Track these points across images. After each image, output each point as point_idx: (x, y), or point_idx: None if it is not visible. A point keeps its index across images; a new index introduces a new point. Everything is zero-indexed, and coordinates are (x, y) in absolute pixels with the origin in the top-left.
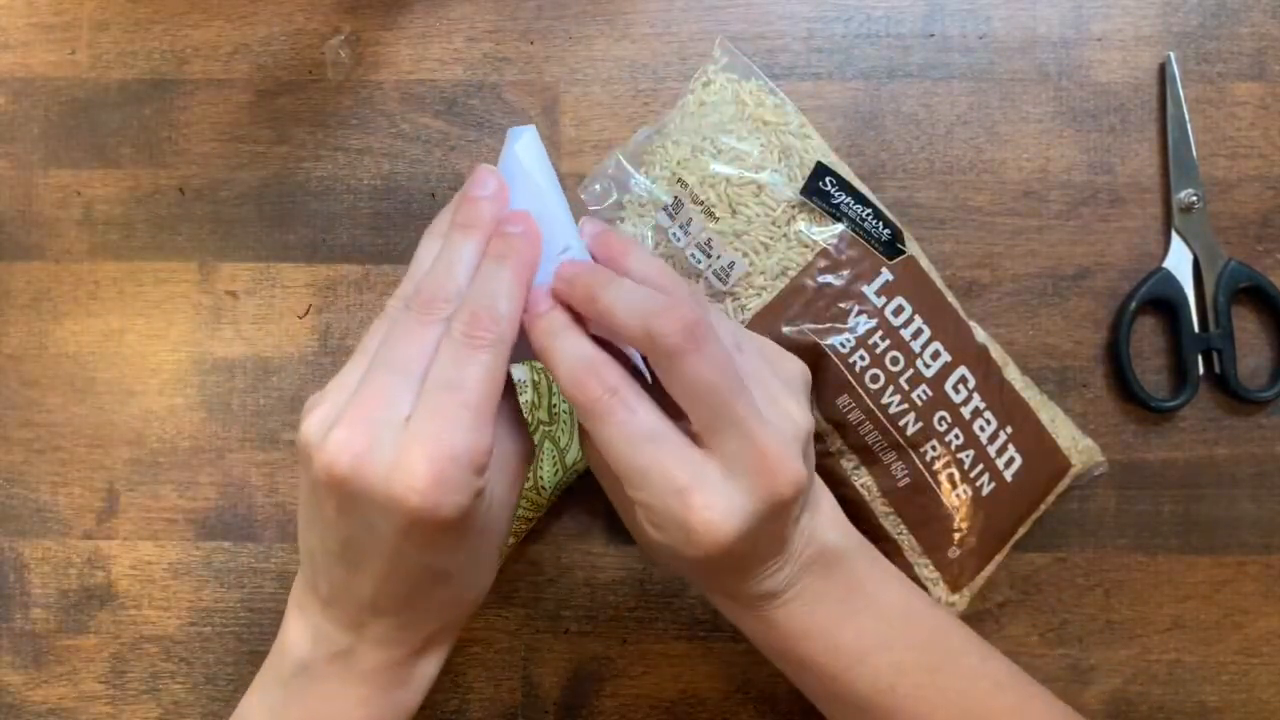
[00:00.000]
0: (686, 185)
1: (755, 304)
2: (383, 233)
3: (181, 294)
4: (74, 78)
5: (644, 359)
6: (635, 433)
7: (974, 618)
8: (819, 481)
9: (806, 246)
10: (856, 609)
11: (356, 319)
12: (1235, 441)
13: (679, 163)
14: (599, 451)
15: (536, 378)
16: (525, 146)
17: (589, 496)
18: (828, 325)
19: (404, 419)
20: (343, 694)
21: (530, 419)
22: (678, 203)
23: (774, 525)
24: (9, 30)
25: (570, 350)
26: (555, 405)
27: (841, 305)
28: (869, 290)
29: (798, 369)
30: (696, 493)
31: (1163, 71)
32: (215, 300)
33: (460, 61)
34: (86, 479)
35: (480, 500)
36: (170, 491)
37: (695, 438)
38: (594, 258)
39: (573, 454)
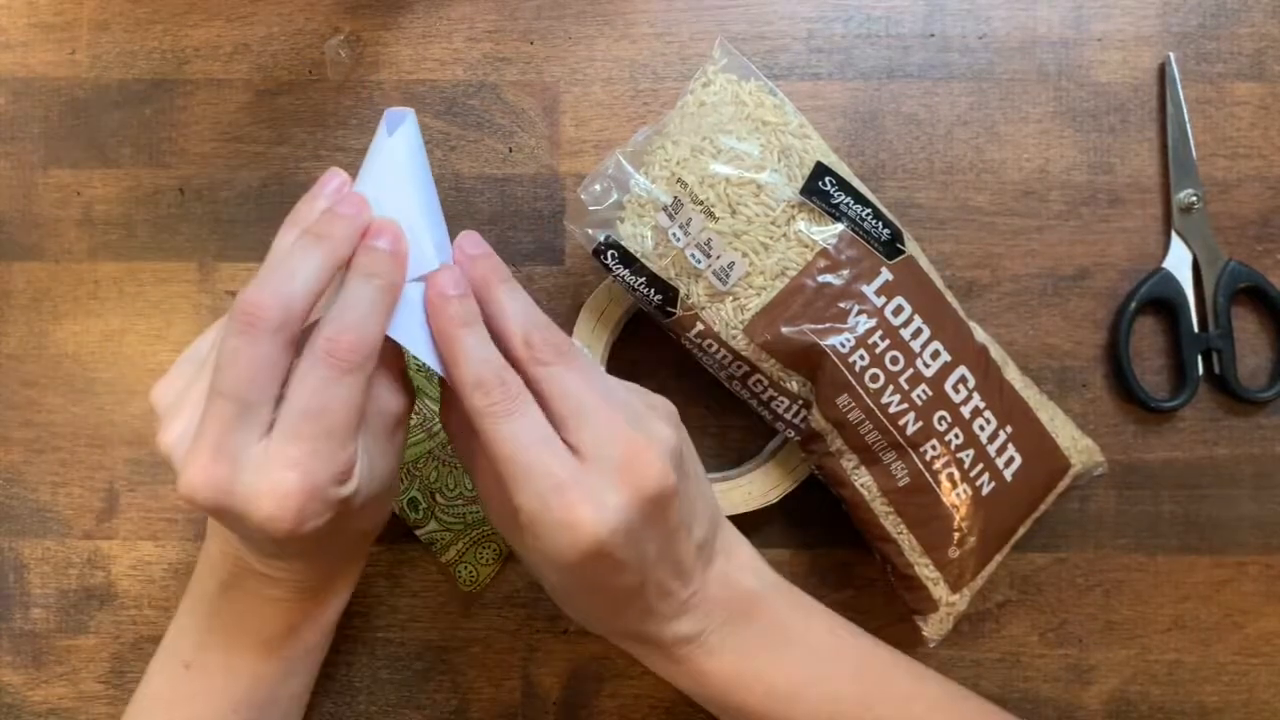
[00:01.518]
0: (686, 185)
1: (755, 304)
2: None
3: (181, 294)
4: (74, 78)
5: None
6: (527, 435)
7: (974, 618)
8: (733, 529)
9: (806, 246)
10: (784, 649)
11: None
12: (1235, 441)
13: (678, 162)
14: (484, 457)
15: None
16: (404, 133)
17: None
18: (827, 325)
19: (258, 442)
20: (261, 604)
21: None
22: (677, 203)
23: (652, 529)
24: (9, 30)
25: (477, 349)
26: None
27: (841, 305)
28: (869, 290)
29: (665, 401)
30: (572, 489)
31: (1163, 71)
32: (215, 300)
33: (460, 61)
34: (86, 479)
35: (349, 500)
36: (170, 491)
37: (572, 450)
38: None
39: None
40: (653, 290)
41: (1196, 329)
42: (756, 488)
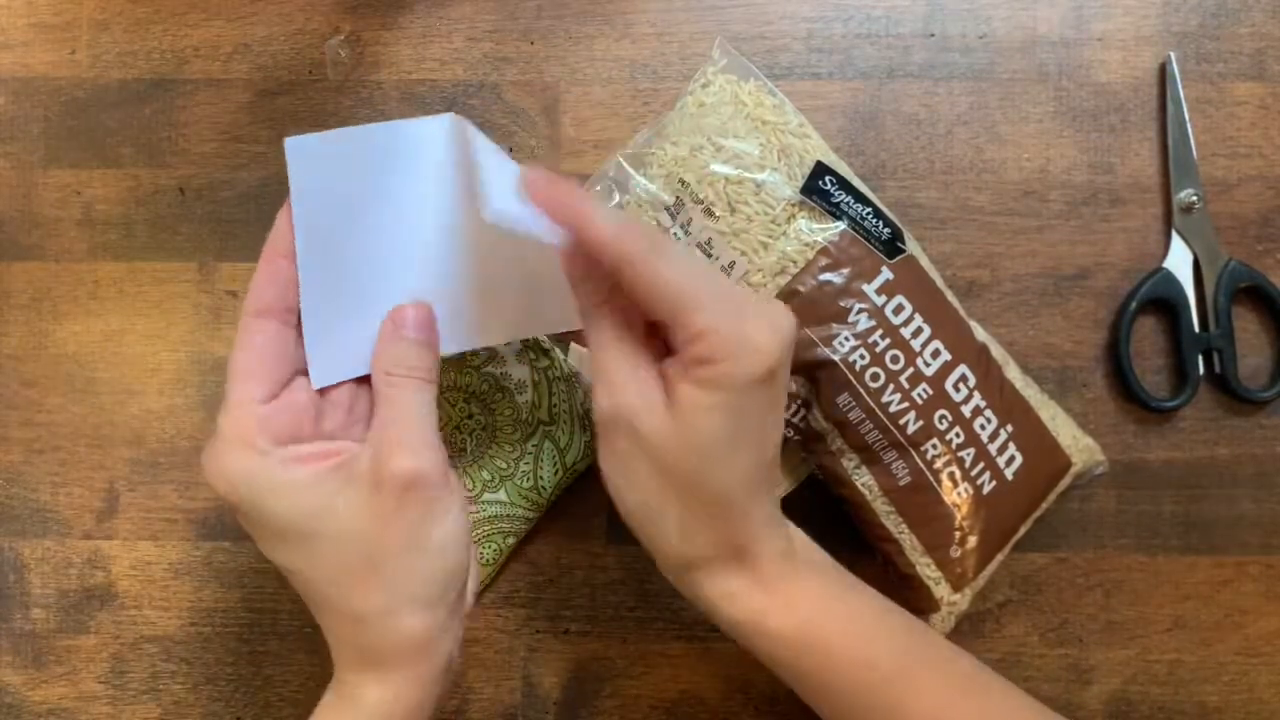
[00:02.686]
0: (686, 185)
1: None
2: None
3: (181, 294)
4: (74, 78)
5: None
6: (690, 262)
7: (974, 618)
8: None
9: (806, 245)
10: (860, 591)
11: None
12: (1235, 441)
13: (678, 162)
14: (648, 294)
15: (536, 378)
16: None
17: (589, 496)
18: (828, 324)
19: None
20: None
21: (530, 419)
22: (679, 203)
23: (784, 375)
24: (9, 30)
25: (601, 205)
26: (555, 406)
27: (841, 304)
28: (869, 289)
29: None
30: (750, 305)
31: (1163, 71)
32: (215, 300)
33: (460, 61)
34: (86, 479)
35: (268, 487)
36: (170, 491)
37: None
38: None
39: (573, 454)
40: None
41: (1197, 329)
42: None
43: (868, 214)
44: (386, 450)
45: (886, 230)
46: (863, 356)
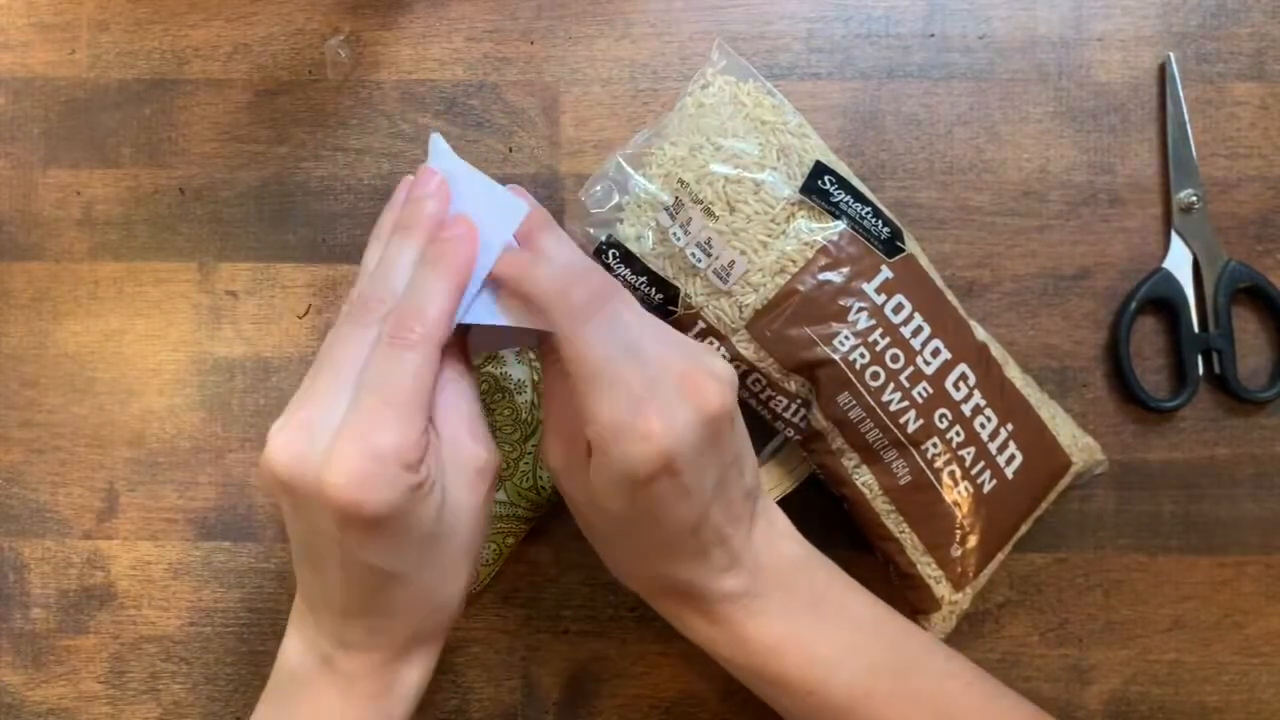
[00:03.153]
0: (686, 184)
1: (753, 300)
2: None
3: (181, 294)
4: (74, 78)
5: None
6: (614, 343)
7: (974, 618)
8: (771, 500)
9: (806, 244)
10: (825, 617)
11: None
12: (1235, 441)
13: (677, 162)
14: (559, 376)
15: (537, 378)
16: (444, 153)
17: None
18: (827, 323)
19: (340, 419)
20: (328, 702)
21: (529, 419)
22: (678, 202)
23: (712, 454)
24: (9, 30)
25: (560, 250)
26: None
27: (841, 303)
28: (869, 288)
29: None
30: (649, 401)
31: (1163, 71)
32: (215, 300)
33: (460, 61)
34: (86, 479)
35: (419, 499)
36: (170, 491)
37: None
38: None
39: None
40: (654, 289)
41: (1197, 329)
42: None
43: (867, 213)
44: (460, 440)
45: (886, 230)
46: (863, 355)
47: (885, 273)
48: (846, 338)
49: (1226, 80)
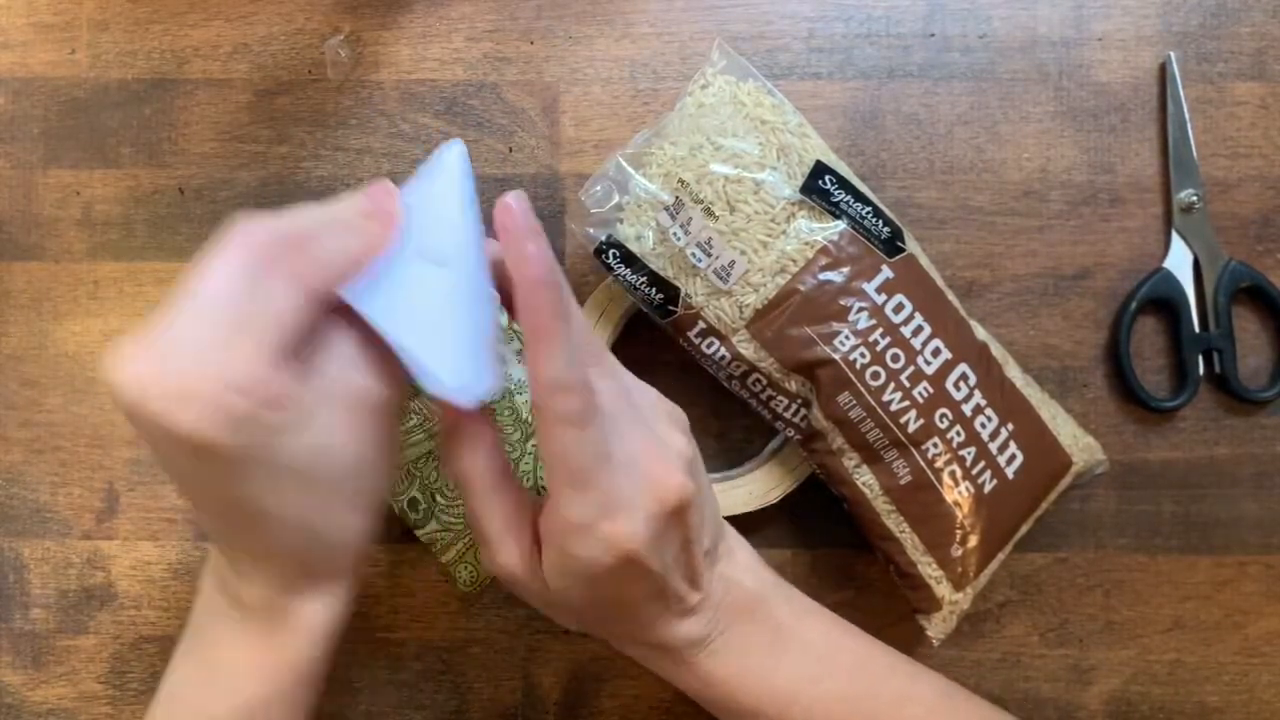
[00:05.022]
0: (686, 184)
1: (753, 300)
2: None
3: None
4: (74, 77)
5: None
6: (595, 448)
7: (974, 618)
8: (733, 531)
9: (806, 244)
10: (784, 649)
11: None
12: (1235, 441)
13: (677, 162)
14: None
15: None
16: (455, 157)
17: None
18: (828, 322)
19: (193, 343)
20: (229, 635)
21: (529, 419)
22: (679, 202)
23: (672, 535)
24: (9, 30)
25: (567, 348)
26: None
27: (842, 302)
28: (869, 287)
29: (676, 407)
30: (617, 508)
31: (1163, 71)
32: None
33: (460, 61)
34: (86, 479)
35: (271, 434)
36: (170, 491)
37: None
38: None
39: None
40: (654, 289)
41: (1197, 329)
42: (756, 488)
43: (867, 213)
44: (344, 376)
45: (886, 229)
46: (863, 355)
47: (886, 272)
48: (847, 337)
49: (1227, 80)
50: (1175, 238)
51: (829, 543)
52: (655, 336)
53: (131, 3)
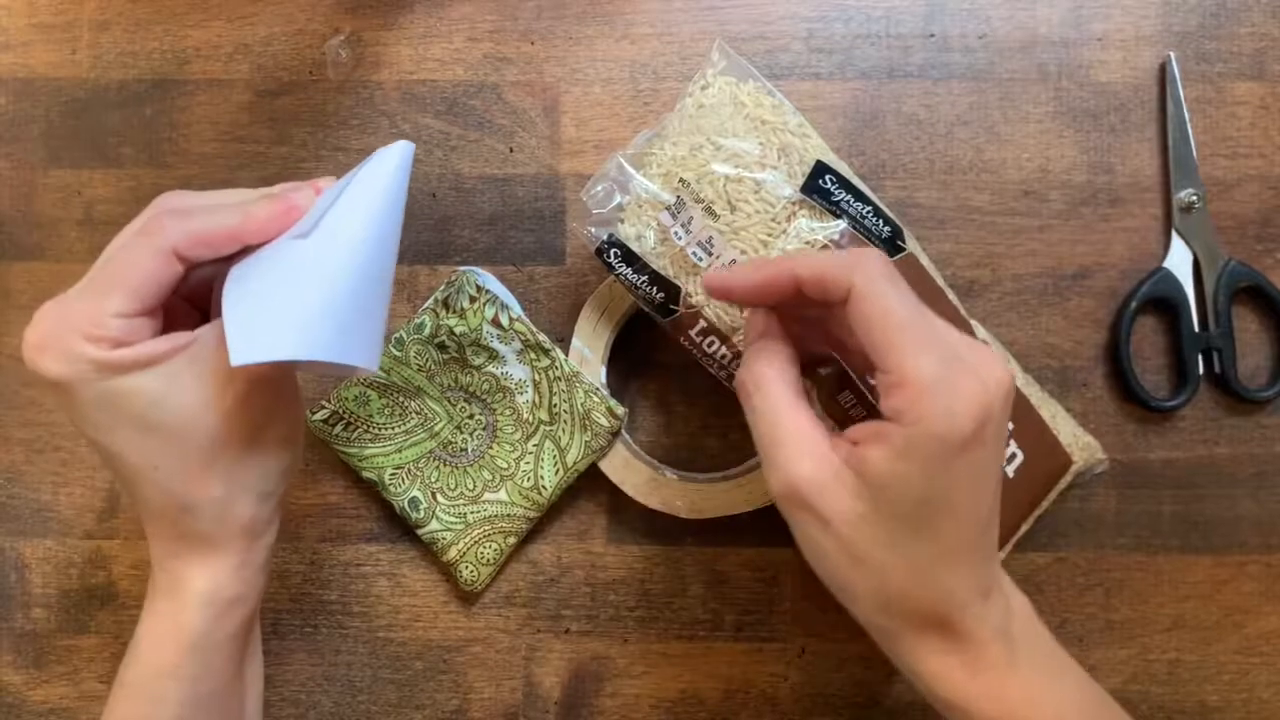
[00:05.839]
0: (687, 184)
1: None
2: None
3: None
4: (74, 78)
5: None
6: (913, 304)
7: None
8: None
9: (807, 243)
10: (1065, 675)
11: None
12: (1235, 441)
13: (677, 162)
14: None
15: (537, 378)
16: (394, 158)
17: (589, 496)
18: None
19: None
20: (146, 602)
21: (531, 419)
22: (680, 202)
23: (1002, 431)
24: (9, 30)
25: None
26: (556, 405)
27: None
28: None
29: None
30: (962, 359)
31: (1163, 71)
32: None
33: (460, 62)
34: (87, 479)
35: (109, 375)
36: None
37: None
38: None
39: (574, 453)
40: (655, 288)
41: (1197, 328)
42: (757, 488)
43: (868, 212)
44: (212, 340)
45: (887, 229)
46: None
47: None
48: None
49: (1226, 80)
50: (1175, 237)
51: None
52: (655, 337)
53: (132, 3)
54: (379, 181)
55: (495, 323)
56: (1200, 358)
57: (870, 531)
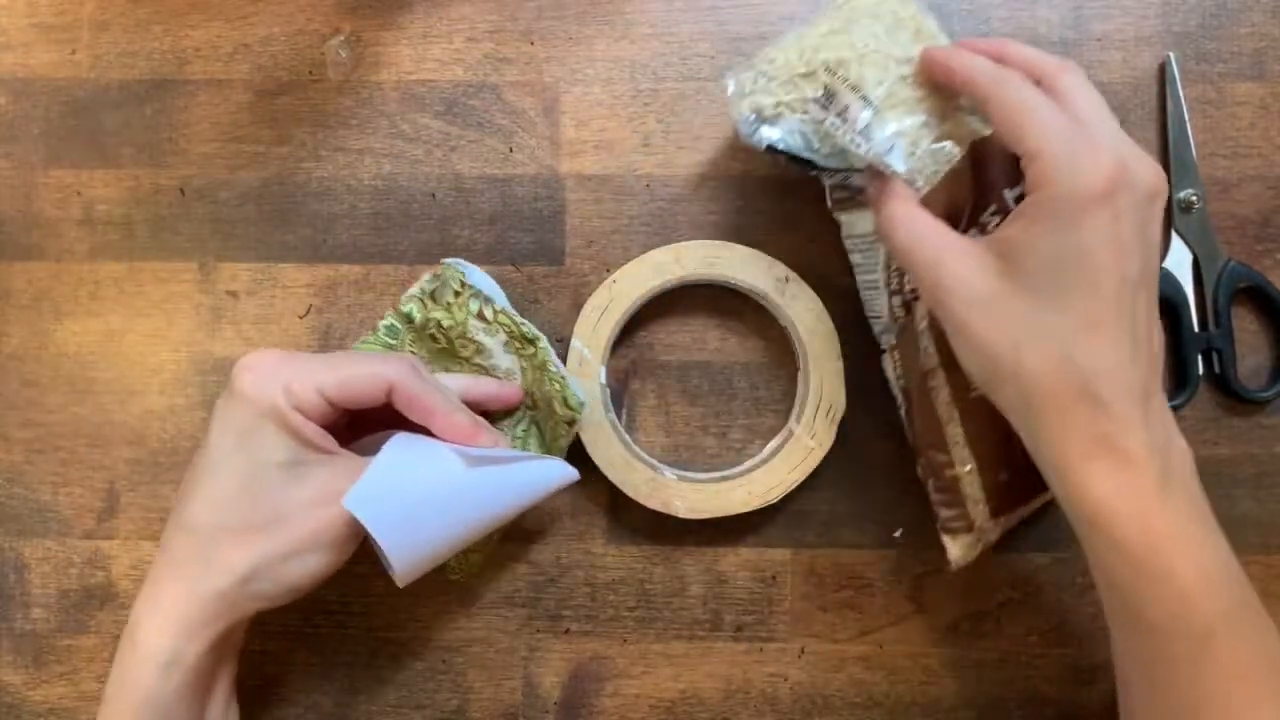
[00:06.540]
0: (833, 70)
1: (921, 184)
2: (383, 233)
3: (182, 294)
4: (74, 78)
5: None
6: (1034, 92)
7: (974, 618)
8: None
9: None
10: (1216, 533)
11: (357, 319)
12: (1235, 441)
13: (815, 48)
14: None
15: (524, 365)
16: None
17: (589, 496)
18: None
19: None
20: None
21: (520, 407)
22: (829, 92)
23: (1148, 227)
24: (9, 30)
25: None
26: (533, 394)
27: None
28: (1010, 195)
29: None
30: (1088, 132)
31: (1163, 71)
32: (215, 300)
33: (460, 62)
34: (87, 479)
35: (268, 420)
36: (170, 491)
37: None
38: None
39: (556, 440)
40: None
41: (1196, 328)
42: (756, 488)
43: None
44: (352, 476)
45: None
46: None
47: None
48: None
49: (1226, 80)
50: (1175, 237)
51: (829, 543)
52: (655, 338)
53: (132, 3)
54: (534, 480)
55: (480, 316)
56: (1200, 358)
57: (1008, 305)
